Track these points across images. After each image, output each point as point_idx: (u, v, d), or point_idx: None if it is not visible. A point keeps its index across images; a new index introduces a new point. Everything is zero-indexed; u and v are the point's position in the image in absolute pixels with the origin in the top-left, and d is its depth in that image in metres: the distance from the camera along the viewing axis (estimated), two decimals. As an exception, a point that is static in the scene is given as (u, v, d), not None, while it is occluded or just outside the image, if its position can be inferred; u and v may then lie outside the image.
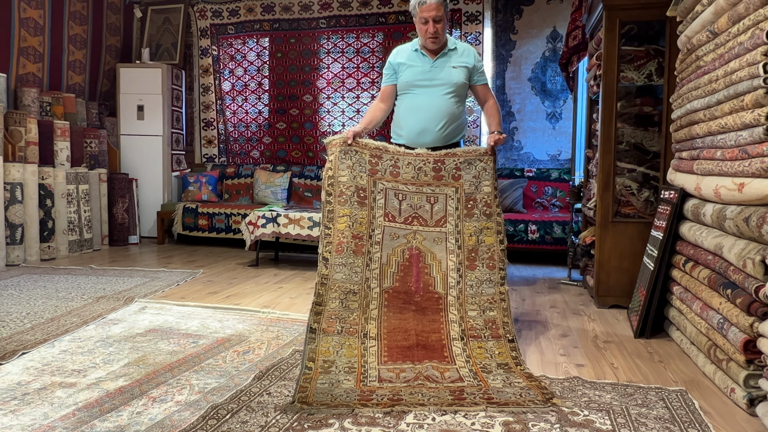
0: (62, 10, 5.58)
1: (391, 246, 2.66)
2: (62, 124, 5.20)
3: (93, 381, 2.16)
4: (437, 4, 2.73)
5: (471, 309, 2.56)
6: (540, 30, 5.59)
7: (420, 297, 2.59)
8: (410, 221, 2.71)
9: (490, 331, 2.50)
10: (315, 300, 2.49)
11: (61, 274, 4.27)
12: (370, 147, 2.76)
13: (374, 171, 2.73)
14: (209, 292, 3.76)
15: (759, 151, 2.01)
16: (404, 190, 2.73)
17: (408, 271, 2.64)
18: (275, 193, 5.93)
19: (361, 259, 2.60)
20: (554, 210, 5.45)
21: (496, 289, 2.61)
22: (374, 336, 2.44)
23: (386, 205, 2.70)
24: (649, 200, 3.45)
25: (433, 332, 2.48)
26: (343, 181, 2.69)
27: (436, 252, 2.67)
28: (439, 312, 2.56)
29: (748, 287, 1.99)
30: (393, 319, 2.51)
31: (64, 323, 2.94)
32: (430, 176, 2.74)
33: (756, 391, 1.95)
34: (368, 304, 2.54)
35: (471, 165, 2.75)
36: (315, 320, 2.43)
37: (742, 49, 2.14)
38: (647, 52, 3.43)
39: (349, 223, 2.63)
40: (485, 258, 2.65)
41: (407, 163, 2.74)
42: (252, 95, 6.41)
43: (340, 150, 2.71)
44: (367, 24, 5.96)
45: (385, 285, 2.60)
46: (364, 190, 2.70)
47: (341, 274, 2.56)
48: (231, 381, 2.17)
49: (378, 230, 2.67)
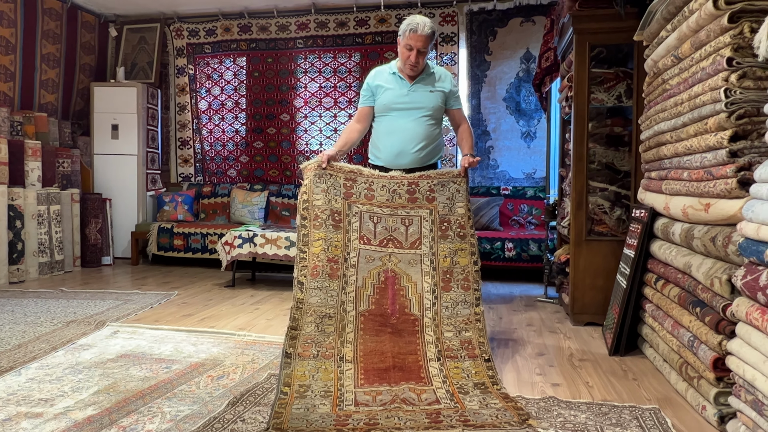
0: (35, 28, 5.51)
1: (367, 269, 2.67)
2: (33, 143, 5.11)
3: (60, 411, 2.09)
4: (426, 36, 2.78)
5: (447, 330, 2.57)
6: (514, 51, 5.71)
7: (396, 319, 2.59)
8: (385, 244, 2.72)
9: (467, 351, 2.50)
10: (290, 324, 2.47)
11: (30, 297, 4.16)
12: (344, 170, 2.77)
13: (349, 194, 2.74)
14: (184, 315, 3.70)
15: (723, 172, 2.06)
16: (379, 212, 2.74)
17: (384, 293, 2.64)
18: (252, 212, 5.89)
19: (337, 282, 2.60)
20: (530, 228, 5.51)
21: (472, 310, 2.62)
22: (350, 359, 2.42)
23: (361, 228, 2.71)
24: (621, 218, 3.51)
25: (409, 354, 2.48)
26: (318, 204, 2.69)
27: (411, 274, 2.68)
28: (416, 334, 2.56)
29: (716, 306, 2.03)
30: (369, 341, 2.50)
31: (31, 350, 2.86)
32: (405, 198, 2.76)
33: (726, 408, 1.99)
34: (344, 328, 2.53)
35: (444, 187, 2.77)
36: (290, 345, 2.41)
37: (704, 74, 2.22)
38: (616, 74, 3.52)
39: (324, 246, 2.63)
40: (460, 279, 2.67)
41: (381, 185, 2.76)
42: (229, 114, 6.39)
43: (315, 174, 2.72)
44: (344, 44, 6.02)
45: (361, 308, 2.59)
46: (339, 213, 2.71)
47: (317, 298, 2.55)
48: (204, 408, 2.13)
49: (353, 253, 2.67)
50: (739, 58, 2.02)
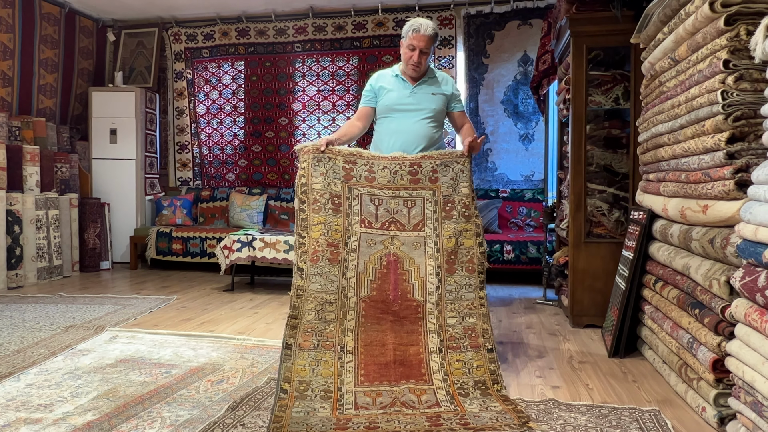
0: (33, 33, 5.52)
1: (368, 253, 2.60)
2: (32, 148, 5.11)
3: (60, 416, 2.09)
4: (429, 37, 2.80)
5: (450, 316, 2.50)
6: (511, 54, 5.72)
7: (398, 306, 2.53)
8: (387, 226, 2.64)
9: (470, 340, 2.45)
10: (291, 313, 2.41)
11: (28, 302, 4.15)
12: (343, 153, 2.71)
13: (349, 177, 2.68)
14: (183, 319, 3.69)
15: (720, 174, 2.07)
16: (380, 194, 2.68)
17: (386, 278, 2.57)
18: (251, 216, 5.89)
19: (337, 267, 2.54)
20: (529, 230, 5.52)
21: (476, 294, 2.55)
22: (351, 350, 2.39)
23: (362, 211, 2.65)
24: (619, 221, 3.52)
25: (411, 345, 2.44)
26: (317, 188, 2.63)
27: (414, 257, 2.61)
28: (418, 321, 2.50)
29: (715, 307, 2.04)
30: (371, 330, 2.45)
31: (30, 355, 2.85)
32: (407, 180, 2.69)
33: (726, 409, 1.99)
34: (345, 315, 2.47)
35: (448, 167, 2.72)
36: (291, 335, 2.36)
37: (701, 76, 2.22)
38: (614, 76, 3.53)
39: (323, 231, 2.57)
40: (464, 261, 2.59)
41: (383, 167, 2.71)
42: (227, 118, 6.40)
43: (313, 157, 2.66)
44: (342, 48, 6.03)
45: (363, 294, 2.53)
46: (338, 196, 2.64)
47: (317, 284, 2.49)
48: (204, 412, 2.13)
49: (354, 237, 2.60)
50: (736, 61, 2.03)
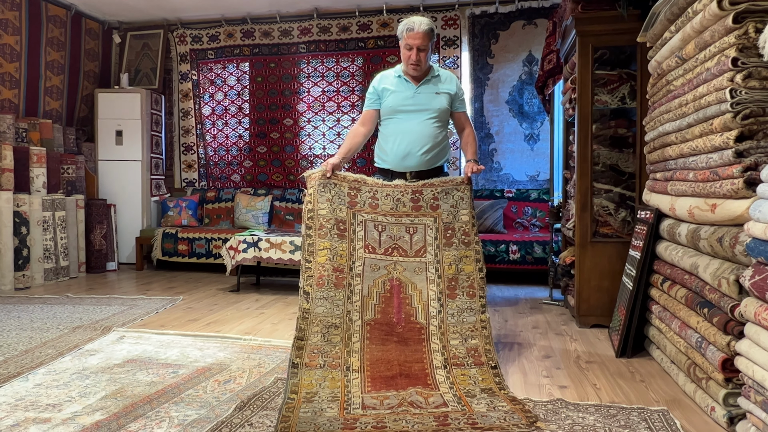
0: (39, 36, 5.55)
1: (372, 277, 2.67)
2: (38, 150, 5.13)
3: (68, 416, 2.10)
4: (424, 33, 2.79)
5: (453, 338, 2.56)
6: (516, 54, 5.72)
7: (402, 328, 2.58)
8: (390, 252, 2.72)
9: (473, 358, 2.50)
10: (297, 335, 2.47)
11: (36, 303, 4.17)
12: (348, 179, 2.79)
13: (353, 203, 2.75)
14: (189, 320, 3.70)
15: (729, 173, 2.06)
16: (383, 221, 2.75)
17: (389, 302, 2.63)
18: (256, 216, 5.90)
19: (342, 291, 2.60)
20: (534, 230, 5.51)
21: (477, 317, 2.61)
22: (357, 368, 2.42)
23: (366, 237, 2.72)
24: (626, 220, 3.50)
25: (416, 362, 2.47)
26: (323, 214, 2.70)
27: (416, 282, 2.68)
28: (422, 342, 2.55)
29: (724, 306, 2.03)
30: (375, 350, 2.50)
31: (38, 355, 2.86)
32: (409, 207, 2.77)
33: (735, 409, 1.98)
34: (350, 337, 2.52)
35: (448, 194, 2.79)
36: (297, 355, 2.41)
37: (709, 74, 2.21)
38: (620, 76, 3.52)
39: (329, 256, 2.63)
40: (465, 286, 2.67)
41: (386, 194, 2.78)
42: (232, 119, 6.42)
43: (319, 183, 2.74)
44: (346, 49, 6.03)
45: (367, 317, 2.59)
46: (343, 222, 2.71)
47: (322, 308, 2.55)
48: (212, 412, 2.13)
49: (358, 262, 2.67)
50: (744, 59, 2.02)
